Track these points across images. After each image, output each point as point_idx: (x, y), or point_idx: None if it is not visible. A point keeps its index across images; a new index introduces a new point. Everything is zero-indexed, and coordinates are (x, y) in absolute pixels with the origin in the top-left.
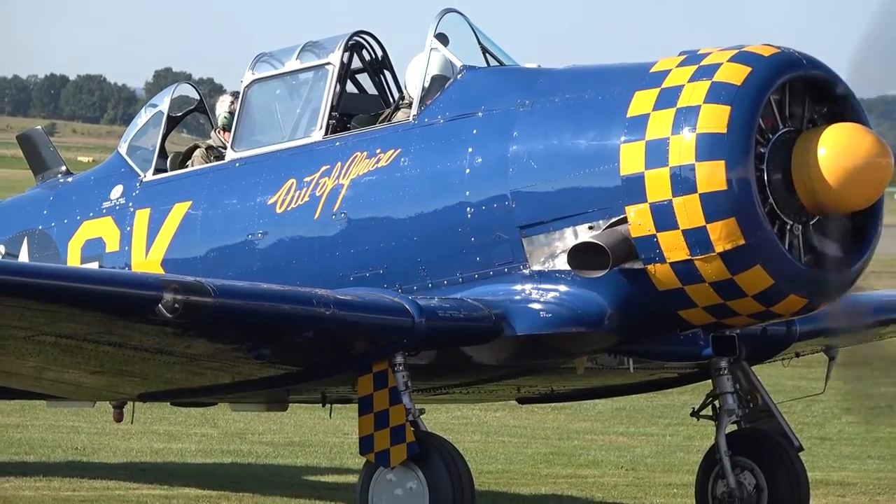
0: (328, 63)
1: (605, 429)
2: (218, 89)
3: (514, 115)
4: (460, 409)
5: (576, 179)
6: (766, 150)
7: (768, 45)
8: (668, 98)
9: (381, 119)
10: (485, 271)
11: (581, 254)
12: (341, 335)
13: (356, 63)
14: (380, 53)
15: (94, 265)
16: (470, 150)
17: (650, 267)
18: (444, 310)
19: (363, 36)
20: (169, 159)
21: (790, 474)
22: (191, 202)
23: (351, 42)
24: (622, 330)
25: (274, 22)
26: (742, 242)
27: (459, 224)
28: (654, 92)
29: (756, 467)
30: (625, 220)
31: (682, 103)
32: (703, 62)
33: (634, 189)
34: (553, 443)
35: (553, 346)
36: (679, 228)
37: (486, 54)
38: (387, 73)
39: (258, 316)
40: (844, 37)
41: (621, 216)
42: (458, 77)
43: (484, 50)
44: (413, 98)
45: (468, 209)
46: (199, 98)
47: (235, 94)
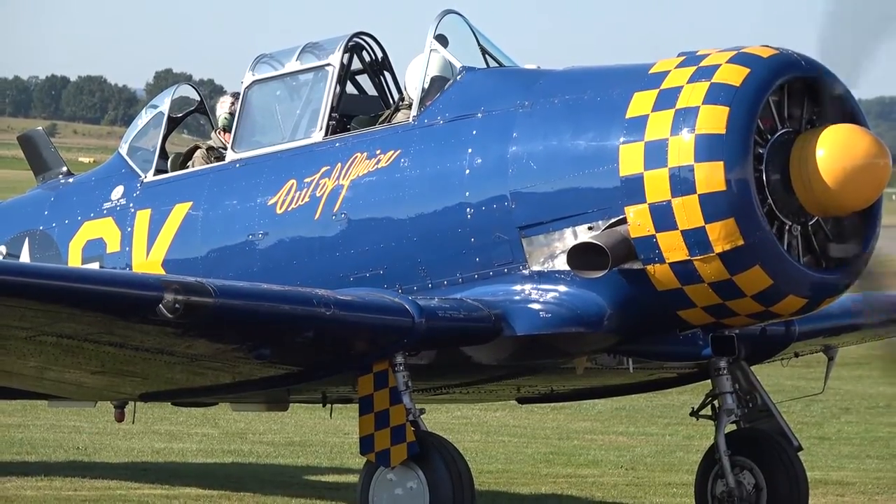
0: (328, 64)
1: (605, 428)
2: (218, 90)
3: (513, 116)
4: (460, 409)
5: (575, 180)
6: (765, 150)
7: (767, 46)
8: (667, 99)
9: (380, 120)
10: (484, 272)
11: (580, 254)
12: (341, 335)
13: (356, 64)
14: (380, 54)
15: (95, 266)
16: (469, 150)
17: (649, 267)
18: (444, 310)
19: (363, 37)
20: (169, 160)
21: (789, 474)
22: (191, 203)
23: (351, 43)
24: (621, 330)
25: (274, 23)
26: (741, 243)
27: (459, 224)
28: (653, 93)
29: (755, 467)
30: (624, 221)
31: (681, 104)
32: (702, 63)
33: (634, 190)
34: (553, 442)
35: (553, 347)
36: (678, 229)
37: (486, 55)
38: (387, 74)
39: (259, 316)
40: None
41: (620, 217)
42: (458, 78)
43: (483, 51)
44: (413, 99)
45: (468, 210)
46: (199, 99)
47: (236, 95)
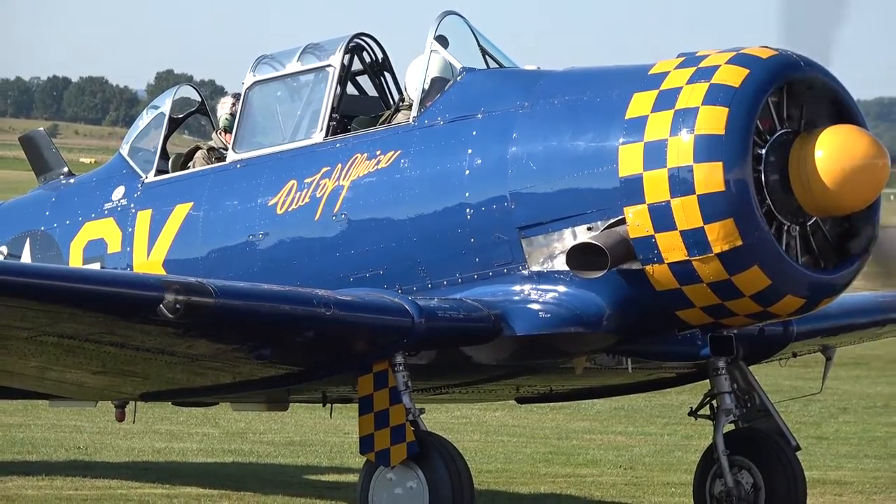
0: (329, 65)
1: (604, 428)
2: (219, 91)
3: (513, 117)
4: (460, 409)
5: (575, 181)
6: (764, 151)
7: (766, 47)
8: (666, 100)
9: (381, 121)
10: (484, 272)
11: (580, 254)
12: (342, 335)
13: (356, 65)
14: (380, 55)
15: (96, 266)
16: (469, 151)
17: (648, 267)
18: (444, 310)
19: (363, 38)
20: (170, 161)
21: (787, 473)
22: (192, 203)
23: (351, 44)
24: (621, 330)
25: (275, 24)
26: (740, 243)
27: (459, 225)
28: (653, 94)
29: (753, 466)
30: (623, 221)
31: (680, 105)
32: (702, 64)
33: (633, 190)
34: (552, 442)
35: (552, 347)
36: (677, 229)
37: (486, 56)
38: (387, 74)
39: (259, 316)
40: (844, 37)
41: (620, 217)
42: (458, 79)
43: (483, 52)
44: (413, 100)
45: (468, 210)
46: (200, 100)
47: (236, 96)
